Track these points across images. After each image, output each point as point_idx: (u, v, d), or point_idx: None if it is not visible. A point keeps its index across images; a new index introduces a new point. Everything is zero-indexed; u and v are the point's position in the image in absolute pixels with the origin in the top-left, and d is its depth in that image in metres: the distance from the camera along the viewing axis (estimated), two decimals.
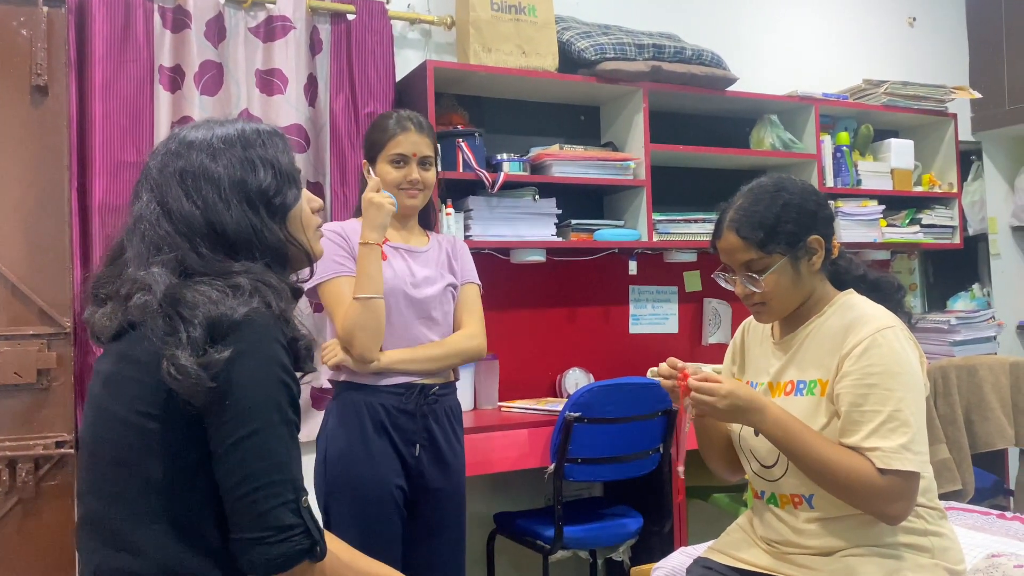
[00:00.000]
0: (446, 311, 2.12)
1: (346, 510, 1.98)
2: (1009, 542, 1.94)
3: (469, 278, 2.20)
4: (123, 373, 1.12)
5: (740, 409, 1.46)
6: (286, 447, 1.10)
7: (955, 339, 3.68)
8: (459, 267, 2.19)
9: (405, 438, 2.01)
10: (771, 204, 1.53)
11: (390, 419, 2.00)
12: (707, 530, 2.44)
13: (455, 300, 2.16)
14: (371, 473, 1.97)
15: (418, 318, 2.06)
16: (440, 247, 2.19)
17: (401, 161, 2.08)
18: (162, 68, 2.58)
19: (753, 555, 1.62)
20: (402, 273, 2.06)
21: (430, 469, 2.04)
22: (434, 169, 2.15)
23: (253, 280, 1.13)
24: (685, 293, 3.47)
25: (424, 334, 2.07)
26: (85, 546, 1.15)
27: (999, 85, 4.17)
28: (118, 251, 1.19)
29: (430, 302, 2.08)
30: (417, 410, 2.02)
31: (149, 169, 1.19)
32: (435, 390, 2.05)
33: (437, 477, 2.05)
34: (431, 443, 2.04)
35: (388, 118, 2.13)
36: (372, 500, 1.97)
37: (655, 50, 3.08)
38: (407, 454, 2.01)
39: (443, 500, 2.07)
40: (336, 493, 2.00)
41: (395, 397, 2.00)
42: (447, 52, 3.09)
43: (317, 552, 1.09)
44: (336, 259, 2.02)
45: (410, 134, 2.08)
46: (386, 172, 2.08)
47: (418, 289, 2.07)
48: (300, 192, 1.25)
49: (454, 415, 2.11)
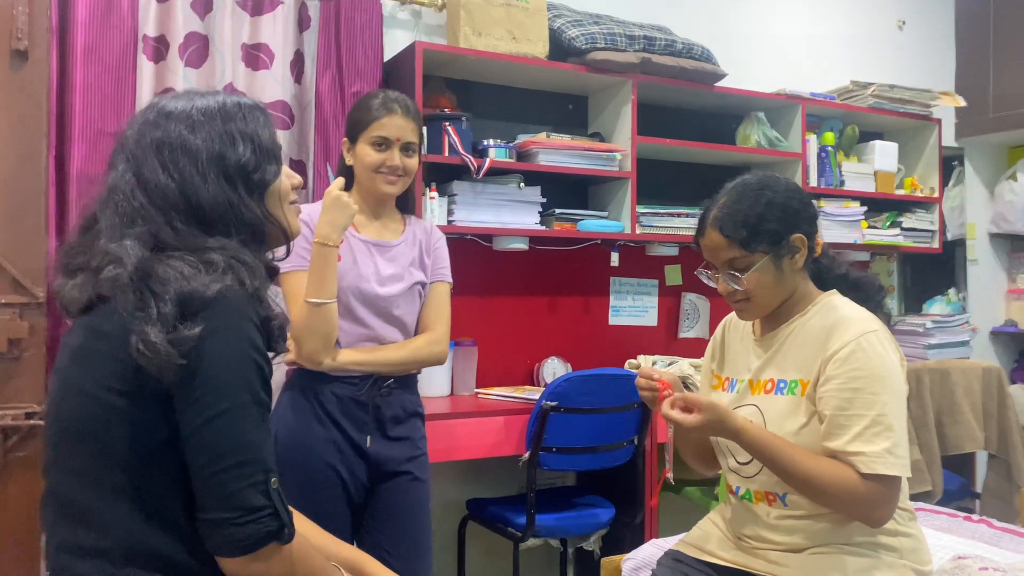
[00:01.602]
0: (410, 310, 2.04)
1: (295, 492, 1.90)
2: (975, 544, 1.96)
3: (440, 276, 2.11)
4: (91, 347, 1.10)
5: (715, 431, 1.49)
6: (256, 427, 1.08)
7: (930, 342, 3.72)
8: (431, 263, 2.10)
9: (356, 427, 1.96)
10: (755, 203, 1.53)
11: (341, 407, 1.94)
12: (678, 523, 2.45)
13: (422, 299, 2.08)
14: (318, 459, 1.92)
15: (378, 316, 1.99)
16: (414, 240, 2.09)
17: (383, 144, 1.99)
18: (146, 38, 2.54)
19: (724, 549, 1.63)
20: (366, 270, 1.98)
21: (385, 457, 1.98)
22: (417, 156, 2.05)
23: (227, 257, 1.11)
24: (665, 287, 3.48)
25: (385, 332, 2.00)
26: (49, 521, 1.13)
27: (984, 92, 4.20)
28: (91, 221, 1.16)
29: (393, 300, 2.00)
30: (369, 401, 1.96)
31: (126, 138, 1.17)
32: (389, 383, 1.99)
33: (392, 466, 1.99)
34: (383, 433, 1.98)
35: (374, 97, 2.03)
36: (319, 485, 1.92)
37: (646, 42, 3.07)
38: (359, 441, 1.96)
39: (399, 489, 2.00)
40: (284, 476, 1.95)
41: (347, 387, 1.95)
42: (437, 34, 3.06)
43: (285, 534, 1.08)
44: (299, 250, 1.89)
45: (395, 117, 1.99)
46: (366, 154, 1.99)
47: (382, 287, 1.99)
48: (280, 168, 1.23)
49: (410, 409, 2.04)
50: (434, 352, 2.05)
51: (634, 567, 1.91)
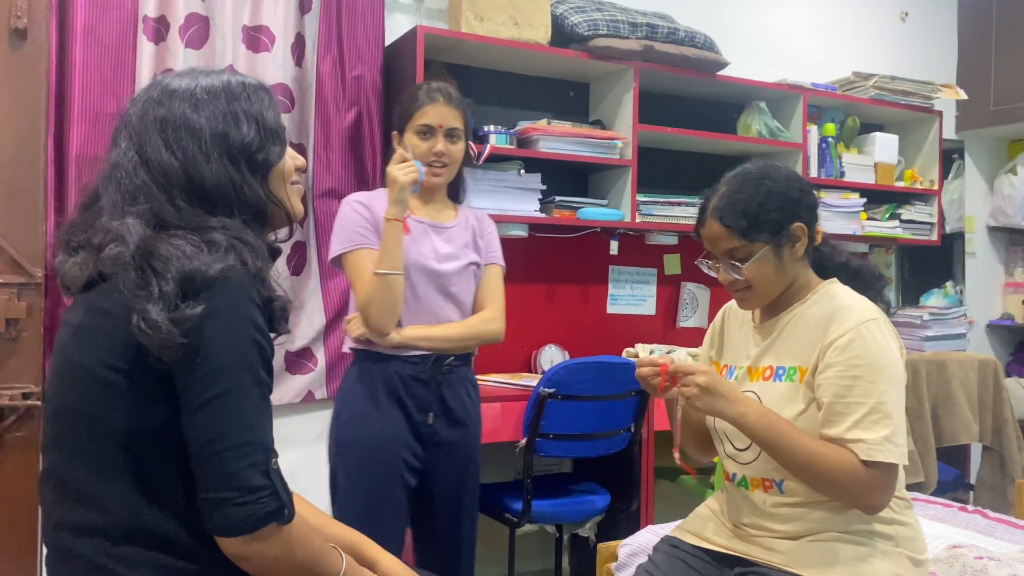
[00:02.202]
0: (466, 289, 2.12)
1: (353, 471, 2.02)
2: (970, 534, 1.97)
3: (493, 259, 2.19)
4: (92, 325, 1.10)
5: (720, 393, 1.47)
6: (257, 408, 1.08)
7: (927, 334, 3.73)
8: (484, 246, 2.18)
9: (418, 406, 2.03)
10: (755, 192, 1.52)
11: (404, 387, 2.02)
12: (673, 510, 2.46)
13: (477, 280, 2.15)
14: (380, 437, 2.01)
15: (439, 293, 2.06)
16: (467, 224, 2.17)
17: (427, 132, 2.06)
18: (146, 18, 2.52)
19: (720, 536, 1.63)
20: (424, 248, 2.06)
21: (444, 436, 2.07)
22: (462, 142, 2.11)
23: (230, 237, 1.10)
24: (664, 276, 3.48)
25: (444, 310, 2.07)
26: (48, 499, 1.13)
27: (985, 86, 4.19)
28: (93, 198, 1.16)
29: (450, 277, 2.07)
30: (432, 379, 2.03)
31: (129, 116, 1.16)
32: (450, 361, 2.06)
33: (451, 444, 2.08)
34: (444, 411, 2.06)
35: (419, 89, 2.11)
36: (378, 462, 2.00)
37: (648, 29, 3.06)
38: (420, 422, 2.04)
39: (457, 467, 2.10)
40: (344, 454, 2.04)
41: (410, 366, 2.02)
42: (439, 18, 3.04)
43: (285, 515, 1.08)
44: (359, 230, 2.02)
45: (438, 105, 2.06)
46: (413, 144, 2.07)
47: (440, 264, 2.06)
48: (284, 150, 1.22)
49: (467, 385, 2.13)
50: (491, 328, 2.13)
51: (630, 553, 1.92)
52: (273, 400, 1.13)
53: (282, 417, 2.75)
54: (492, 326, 2.13)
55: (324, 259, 2.81)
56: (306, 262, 2.81)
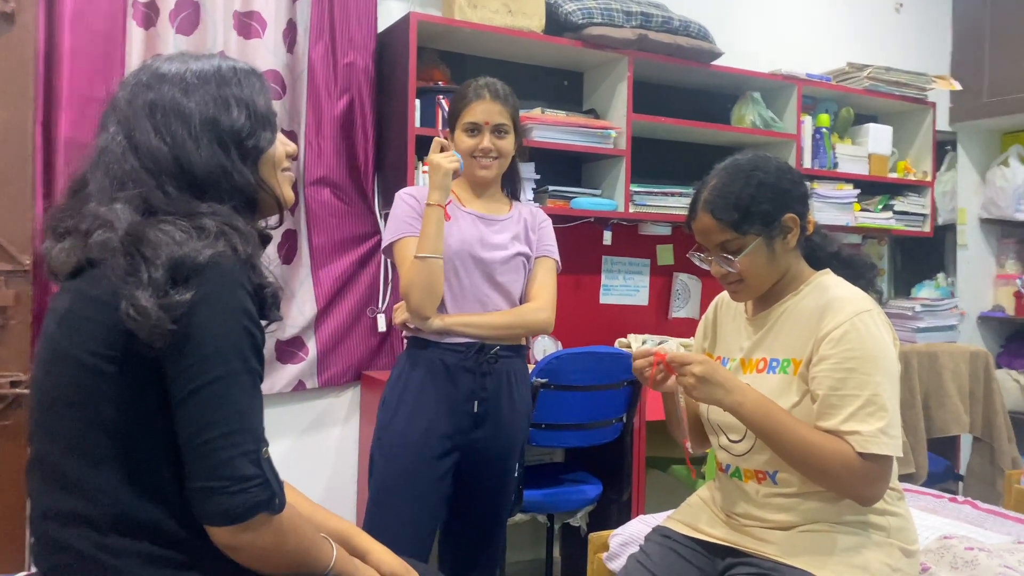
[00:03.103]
0: (514, 279, 2.12)
1: (390, 455, 2.04)
2: (960, 525, 1.98)
3: (546, 252, 2.20)
4: (80, 312, 1.08)
5: (717, 382, 1.46)
6: (248, 396, 1.07)
7: (918, 326, 3.74)
8: (536, 239, 2.18)
9: (463, 394, 2.04)
10: (746, 184, 1.51)
11: (448, 374, 2.04)
12: (664, 500, 2.46)
13: (527, 271, 2.16)
14: (419, 423, 2.02)
15: (484, 280, 2.07)
16: (519, 217, 2.18)
17: (474, 130, 2.08)
18: (136, 3, 2.49)
19: (713, 527, 1.63)
20: (470, 236, 2.07)
21: (484, 427, 2.07)
22: (511, 136, 2.12)
23: (220, 223, 1.09)
24: (657, 266, 3.48)
25: (491, 298, 2.08)
26: (35, 488, 1.12)
27: (979, 77, 4.19)
28: (81, 184, 1.14)
29: (496, 265, 2.08)
30: (476, 368, 2.04)
31: (117, 100, 1.14)
32: (495, 350, 2.06)
33: (490, 436, 2.08)
34: (488, 401, 2.06)
35: (468, 86, 2.12)
36: (418, 445, 2.02)
37: (643, 18, 3.04)
38: (464, 411, 2.05)
39: (493, 458, 2.10)
40: (383, 437, 2.06)
41: (454, 354, 2.04)
42: (432, 5, 3.02)
43: (276, 504, 1.07)
44: (407, 220, 2.05)
45: (484, 102, 2.07)
46: (460, 140, 2.09)
47: (486, 252, 2.07)
48: (275, 136, 1.21)
49: (517, 377, 2.12)
50: (538, 319, 2.12)
51: (621, 543, 1.92)
52: (264, 390, 1.12)
53: (273, 407, 2.74)
54: (540, 316, 2.12)
55: (315, 248, 2.80)
56: (297, 250, 2.79)
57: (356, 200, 2.86)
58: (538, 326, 2.14)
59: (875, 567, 1.46)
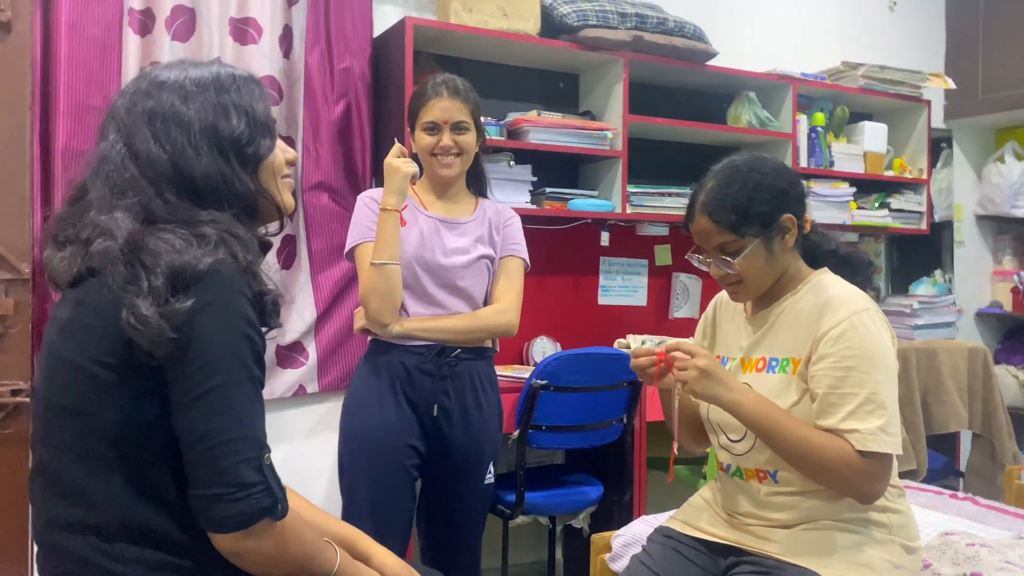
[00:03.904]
0: (477, 283, 2.09)
1: (358, 459, 2.03)
2: (961, 521, 1.98)
3: (511, 251, 2.16)
4: (81, 321, 1.09)
5: (719, 378, 1.47)
6: (249, 403, 1.07)
7: (916, 323, 3.75)
8: (500, 239, 2.15)
9: (423, 398, 2.03)
10: (743, 186, 1.52)
11: (409, 377, 2.03)
12: (666, 500, 2.46)
13: (491, 272, 2.13)
14: (383, 427, 2.02)
15: (443, 287, 2.05)
16: (484, 218, 2.15)
17: (433, 128, 2.06)
18: (132, 10, 2.49)
19: (715, 526, 1.64)
20: (430, 241, 2.05)
21: (448, 432, 2.05)
22: (472, 132, 2.09)
23: (220, 230, 1.09)
24: (655, 267, 3.48)
25: (451, 304, 2.06)
26: (38, 497, 1.12)
27: (973, 74, 4.20)
28: (80, 192, 1.14)
29: (456, 271, 2.06)
30: (436, 371, 2.03)
31: (117, 108, 1.15)
32: (456, 353, 2.04)
33: (455, 440, 2.06)
34: (449, 406, 2.05)
35: (426, 83, 2.10)
36: (381, 452, 2.01)
37: (638, 19, 3.05)
38: (424, 414, 2.04)
39: (460, 463, 2.08)
40: (350, 442, 2.06)
41: (415, 357, 2.03)
42: (427, 10, 3.02)
43: (278, 510, 1.07)
44: (367, 224, 2.04)
45: (442, 99, 2.05)
46: (420, 139, 2.07)
47: (446, 258, 2.05)
48: (274, 142, 1.21)
49: (481, 380, 2.10)
50: (500, 322, 2.09)
51: (624, 543, 1.92)
52: (264, 395, 1.12)
53: (274, 412, 2.74)
54: (502, 319, 2.09)
55: (314, 253, 2.80)
56: (296, 255, 2.80)
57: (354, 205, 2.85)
58: (500, 329, 2.11)
59: (877, 564, 1.46)
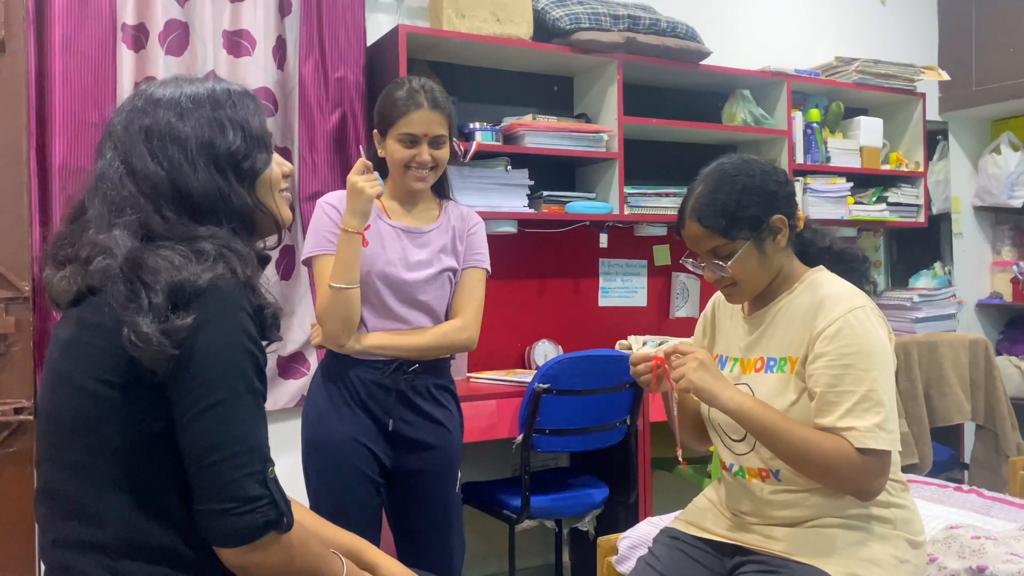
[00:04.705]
0: (438, 295, 2.03)
1: (320, 469, 2.00)
2: (967, 514, 1.98)
3: (474, 262, 2.08)
4: (83, 339, 1.09)
5: (716, 372, 1.49)
6: (252, 417, 1.07)
7: (917, 316, 3.75)
8: (464, 249, 2.07)
9: (381, 411, 1.98)
10: (731, 190, 1.52)
11: (366, 391, 1.97)
12: (671, 501, 2.46)
13: (453, 284, 2.07)
14: (342, 438, 1.96)
15: (403, 302, 1.99)
16: (447, 226, 2.07)
17: (412, 141, 1.96)
18: (125, 26, 2.50)
19: (719, 525, 1.64)
20: (393, 255, 1.99)
21: (413, 443, 2.00)
22: (447, 145, 2.02)
23: (218, 246, 1.09)
24: (654, 267, 3.49)
25: (412, 318, 2.00)
26: (45, 516, 1.13)
27: (967, 66, 4.21)
28: (79, 211, 1.15)
29: (418, 286, 1.99)
30: (394, 386, 1.98)
31: (113, 126, 1.15)
32: (414, 368, 1.99)
33: (421, 450, 2.01)
34: (408, 419, 2.00)
35: (400, 88, 1.98)
36: (342, 462, 1.97)
37: (630, 21, 3.06)
38: (383, 426, 1.99)
39: (423, 476, 2.02)
40: (311, 453, 2.02)
41: (372, 371, 1.97)
42: (420, 17, 3.03)
43: (284, 523, 1.07)
44: (327, 235, 1.96)
45: (423, 112, 1.94)
46: (395, 150, 1.97)
47: (409, 272, 1.99)
48: (271, 157, 1.21)
49: (439, 392, 2.04)
50: (460, 338, 2.04)
51: (630, 545, 1.92)
52: (267, 406, 1.13)
53: (276, 423, 2.74)
54: (462, 335, 2.03)
55: None
56: (295, 266, 2.80)
57: None
58: (460, 346, 2.04)
59: (882, 560, 1.46)
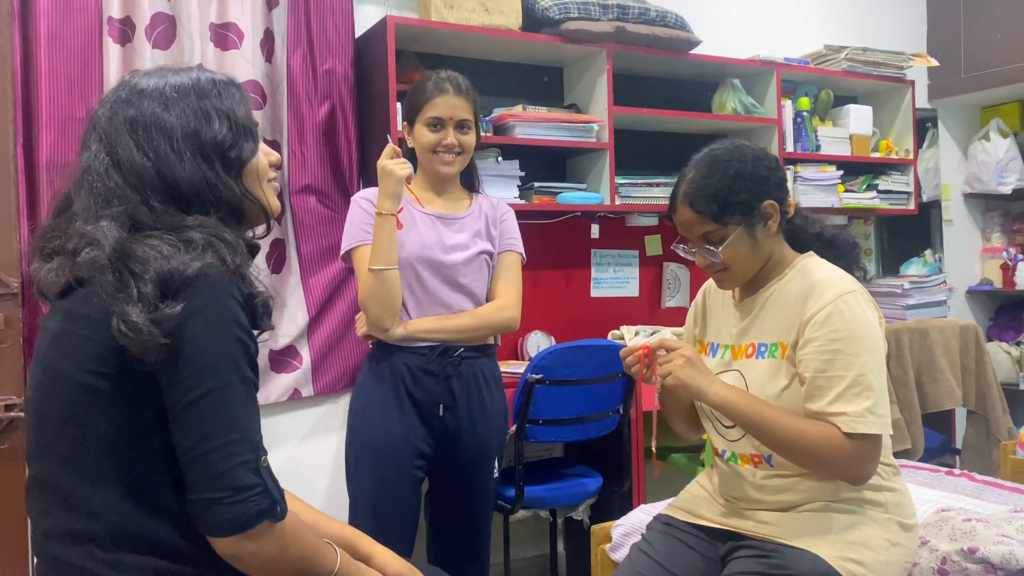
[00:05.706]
0: (477, 278, 2.10)
1: (363, 461, 2.04)
2: (958, 498, 2.00)
3: (508, 246, 2.16)
4: (71, 331, 1.08)
5: (702, 367, 1.49)
6: (244, 406, 1.07)
7: (908, 303, 3.76)
8: (498, 234, 2.15)
9: (428, 398, 2.03)
10: (723, 175, 1.53)
11: (413, 379, 2.02)
12: (665, 489, 2.47)
13: (491, 268, 2.13)
14: (387, 429, 2.01)
15: (445, 284, 2.05)
16: (480, 213, 2.14)
17: (437, 124, 2.05)
18: (111, 20, 2.48)
19: (713, 512, 1.65)
20: (429, 239, 2.05)
21: (455, 430, 2.05)
22: (474, 132, 2.10)
23: (207, 234, 1.09)
24: (646, 257, 3.49)
25: (455, 300, 2.06)
26: (36, 508, 1.12)
27: (956, 53, 4.22)
28: (65, 203, 1.14)
29: (458, 268, 2.06)
30: (440, 371, 2.03)
31: (98, 117, 1.14)
32: (459, 352, 2.05)
33: (463, 438, 2.06)
34: (455, 404, 2.05)
35: (428, 79, 2.08)
36: (385, 454, 2.01)
37: (619, 10, 3.05)
38: (430, 414, 2.03)
39: (467, 460, 2.08)
40: (355, 444, 2.06)
41: (418, 358, 2.02)
42: (408, 8, 3.02)
43: (277, 512, 1.07)
44: (363, 226, 2.03)
45: (448, 96, 2.04)
46: (422, 135, 2.05)
47: (447, 255, 2.05)
48: (257, 146, 1.21)
49: (485, 377, 2.10)
50: (502, 318, 2.10)
51: (624, 533, 1.93)
52: (259, 400, 1.12)
53: (269, 416, 2.74)
54: (504, 315, 2.10)
55: (304, 256, 2.79)
56: (286, 259, 2.79)
57: (342, 206, 2.84)
58: (503, 325, 2.11)
59: (874, 543, 1.47)
